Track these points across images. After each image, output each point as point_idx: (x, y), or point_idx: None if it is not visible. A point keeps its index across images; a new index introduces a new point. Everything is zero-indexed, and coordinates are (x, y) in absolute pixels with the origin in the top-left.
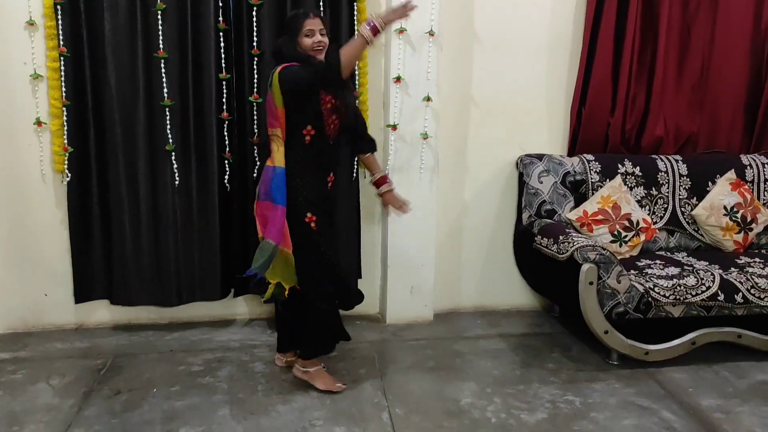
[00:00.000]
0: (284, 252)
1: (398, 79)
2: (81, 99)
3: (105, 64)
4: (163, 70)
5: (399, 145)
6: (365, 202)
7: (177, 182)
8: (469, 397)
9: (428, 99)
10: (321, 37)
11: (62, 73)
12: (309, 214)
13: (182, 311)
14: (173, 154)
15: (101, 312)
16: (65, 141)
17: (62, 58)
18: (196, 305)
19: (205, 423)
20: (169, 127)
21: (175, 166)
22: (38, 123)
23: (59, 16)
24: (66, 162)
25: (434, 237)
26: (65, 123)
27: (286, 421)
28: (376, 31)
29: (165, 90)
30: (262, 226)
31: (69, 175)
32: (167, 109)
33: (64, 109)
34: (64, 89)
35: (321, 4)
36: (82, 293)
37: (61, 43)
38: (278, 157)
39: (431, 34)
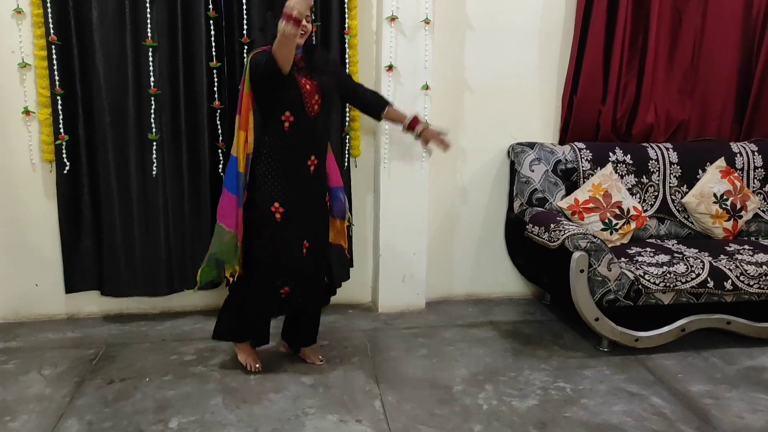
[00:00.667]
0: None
1: (390, 67)
2: (69, 88)
3: (93, 53)
4: (151, 59)
5: (393, 134)
6: (356, 191)
7: (154, 172)
8: (461, 385)
9: (425, 87)
10: (305, 22)
11: (54, 62)
12: (277, 204)
13: (174, 301)
14: (154, 144)
15: (93, 302)
16: (61, 130)
17: (53, 46)
18: (187, 295)
19: (197, 412)
20: (153, 116)
21: (157, 156)
22: (26, 112)
23: (47, 4)
24: (63, 151)
25: (426, 225)
26: (59, 111)
27: (278, 410)
28: (288, 19)
29: (152, 79)
30: (218, 209)
31: (68, 163)
32: (157, 98)
33: (59, 98)
34: (56, 78)
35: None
36: (73, 284)
37: (52, 31)
38: (235, 143)
39: (426, 22)
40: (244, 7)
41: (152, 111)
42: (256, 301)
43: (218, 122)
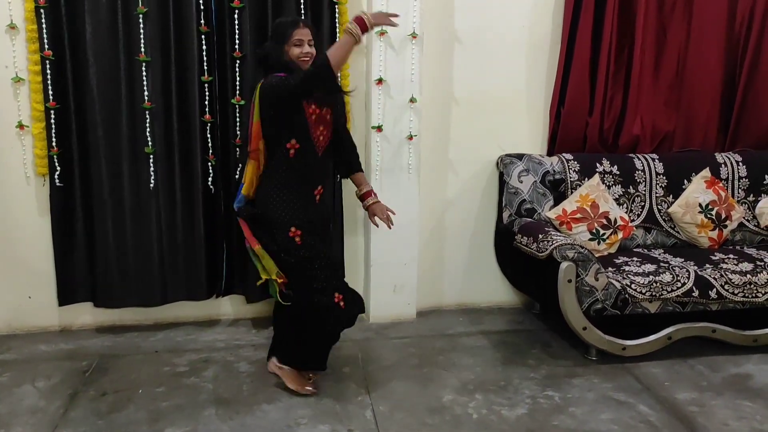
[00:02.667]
0: (257, 249)
1: (380, 81)
2: (63, 102)
3: (87, 68)
4: (144, 73)
5: (383, 146)
6: (347, 201)
7: (152, 184)
8: (451, 394)
9: (412, 100)
10: (309, 47)
11: (48, 76)
12: (293, 229)
13: (167, 312)
14: (151, 156)
15: (86, 314)
16: (54, 143)
17: (47, 61)
18: (181, 306)
19: (190, 423)
20: (149, 130)
21: (152, 168)
22: (20, 126)
23: (42, 20)
24: (55, 164)
25: (417, 236)
26: (52, 125)
27: (271, 420)
28: (364, 28)
29: (146, 93)
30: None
31: (58, 179)
32: (150, 111)
33: (52, 111)
34: (50, 92)
35: (302, 7)
36: (66, 296)
37: (46, 47)
38: (247, 179)
39: (414, 36)
40: (236, 22)
41: (147, 125)
42: (319, 320)
43: (209, 135)
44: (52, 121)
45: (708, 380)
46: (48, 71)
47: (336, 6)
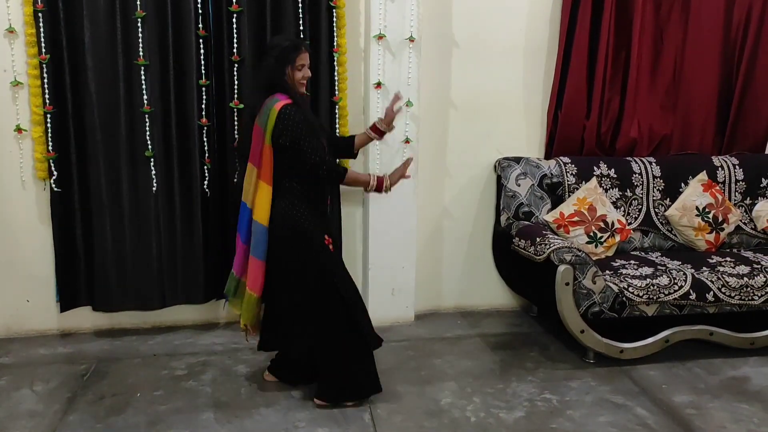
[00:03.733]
0: (249, 293)
1: (378, 84)
2: (61, 106)
3: (85, 71)
4: (143, 77)
5: (381, 150)
6: (346, 205)
7: (155, 188)
8: (450, 397)
9: (410, 104)
10: (308, 71)
11: (45, 80)
12: (326, 237)
13: (165, 315)
14: (152, 160)
15: (84, 317)
16: (50, 146)
17: (44, 65)
18: (179, 309)
19: (189, 427)
20: (149, 133)
21: (154, 172)
22: (18, 130)
23: (41, 24)
24: (52, 168)
25: (415, 239)
26: (49, 129)
27: (269, 424)
28: (380, 189)
29: (145, 97)
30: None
31: (54, 184)
32: (148, 115)
33: (48, 115)
34: (47, 96)
35: (300, 11)
36: (67, 301)
37: (43, 50)
38: (260, 205)
39: (411, 39)
40: (234, 26)
41: (146, 128)
42: (361, 340)
43: (205, 139)
44: (49, 124)
45: (705, 383)
46: (45, 75)
47: (334, 10)
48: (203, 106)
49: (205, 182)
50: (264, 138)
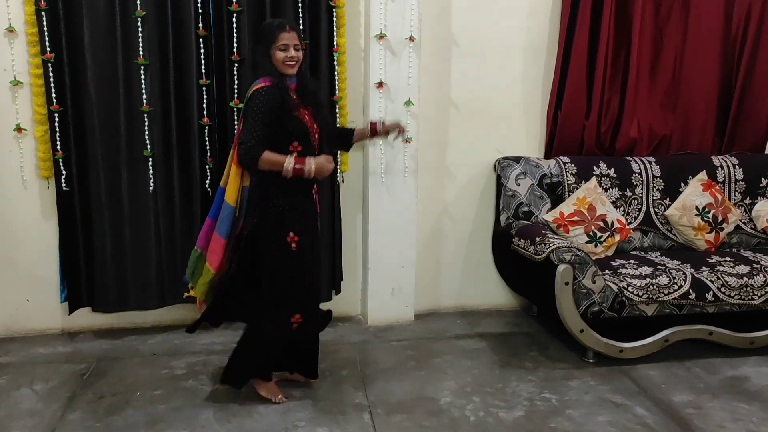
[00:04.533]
0: (207, 267)
1: (380, 84)
2: (61, 105)
3: (85, 70)
4: (142, 77)
5: (382, 149)
6: (345, 205)
7: (152, 188)
8: (449, 397)
9: (410, 103)
10: (294, 52)
11: (50, 79)
12: (292, 234)
13: (165, 315)
14: (150, 159)
15: (84, 317)
16: (58, 146)
17: (48, 64)
18: (179, 308)
19: (188, 426)
20: (147, 133)
21: (151, 171)
22: (18, 129)
23: (43, 23)
24: (61, 169)
25: (415, 239)
26: (56, 128)
27: (268, 423)
28: (301, 173)
29: (145, 96)
30: (203, 239)
31: (65, 183)
32: (148, 114)
33: (56, 114)
34: (54, 95)
35: (300, 10)
36: (73, 302)
37: (47, 49)
38: (231, 186)
39: (411, 39)
40: (234, 26)
41: (146, 128)
42: (275, 336)
43: (207, 138)
44: (56, 124)
45: (705, 382)
46: (51, 74)
47: (333, 10)
48: (204, 105)
49: (207, 182)
50: (241, 119)
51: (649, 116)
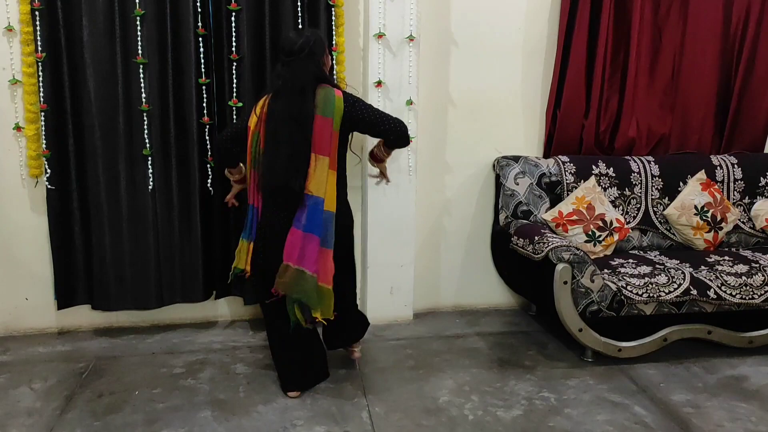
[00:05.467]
0: (326, 288)
1: (379, 83)
2: (59, 104)
3: (83, 69)
4: (141, 75)
5: None
6: None
7: (150, 186)
8: (447, 395)
9: (410, 102)
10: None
11: (40, 79)
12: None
13: (164, 314)
14: (149, 158)
15: (83, 315)
16: (43, 145)
17: (40, 63)
18: (177, 307)
19: (187, 425)
20: (147, 132)
21: (150, 171)
22: (17, 128)
23: (37, 22)
24: (45, 167)
25: (414, 238)
26: (43, 127)
27: (267, 422)
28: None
29: (143, 95)
30: (294, 252)
31: (48, 182)
32: (147, 113)
33: (42, 113)
34: (41, 94)
35: (299, 9)
36: (65, 299)
37: (39, 49)
38: (330, 192)
39: (411, 38)
40: (233, 24)
41: (145, 126)
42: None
43: (207, 138)
44: (43, 123)
45: (703, 382)
46: (41, 73)
47: (332, 9)
48: (203, 104)
49: (209, 180)
50: (333, 125)
51: (648, 115)
